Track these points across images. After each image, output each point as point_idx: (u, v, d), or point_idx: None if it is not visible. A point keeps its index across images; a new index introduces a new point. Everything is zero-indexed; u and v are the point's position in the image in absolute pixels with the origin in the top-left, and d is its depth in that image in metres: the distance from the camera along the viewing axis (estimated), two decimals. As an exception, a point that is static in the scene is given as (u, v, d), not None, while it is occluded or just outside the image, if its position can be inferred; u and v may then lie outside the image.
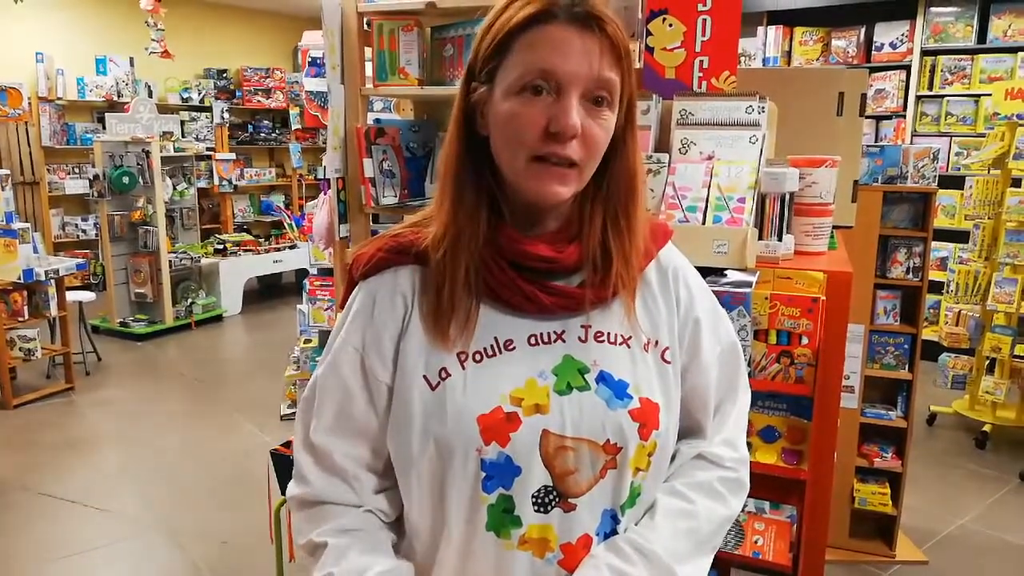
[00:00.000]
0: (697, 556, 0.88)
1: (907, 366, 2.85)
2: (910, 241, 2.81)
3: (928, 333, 4.26)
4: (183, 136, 7.11)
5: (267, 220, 8.77)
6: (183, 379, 5.01)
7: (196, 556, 2.87)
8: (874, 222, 2.72)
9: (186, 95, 8.21)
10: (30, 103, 6.88)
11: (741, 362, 0.99)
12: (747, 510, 1.44)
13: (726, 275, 1.40)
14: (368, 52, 2.16)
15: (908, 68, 5.29)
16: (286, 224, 7.36)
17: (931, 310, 4.91)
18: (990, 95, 4.31)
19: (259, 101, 8.76)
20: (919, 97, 5.27)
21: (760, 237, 1.48)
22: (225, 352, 5.84)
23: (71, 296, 4.91)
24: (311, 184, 8.65)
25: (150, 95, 7.69)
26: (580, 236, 0.86)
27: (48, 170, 7.28)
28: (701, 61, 1.59)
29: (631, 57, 0.82)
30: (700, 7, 1.57)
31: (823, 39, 5.61)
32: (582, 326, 0.86)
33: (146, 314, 6.05)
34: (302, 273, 6.06)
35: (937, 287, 4.66)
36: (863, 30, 5.43)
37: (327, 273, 3.37)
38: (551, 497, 0.82)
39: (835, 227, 1.63)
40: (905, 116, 5.31)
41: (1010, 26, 4.98)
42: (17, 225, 4.39)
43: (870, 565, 2.81)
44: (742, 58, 5.65)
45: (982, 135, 4.74)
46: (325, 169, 2.26)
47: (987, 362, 4.09)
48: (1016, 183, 4.00)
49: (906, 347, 2.85)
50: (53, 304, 4.59)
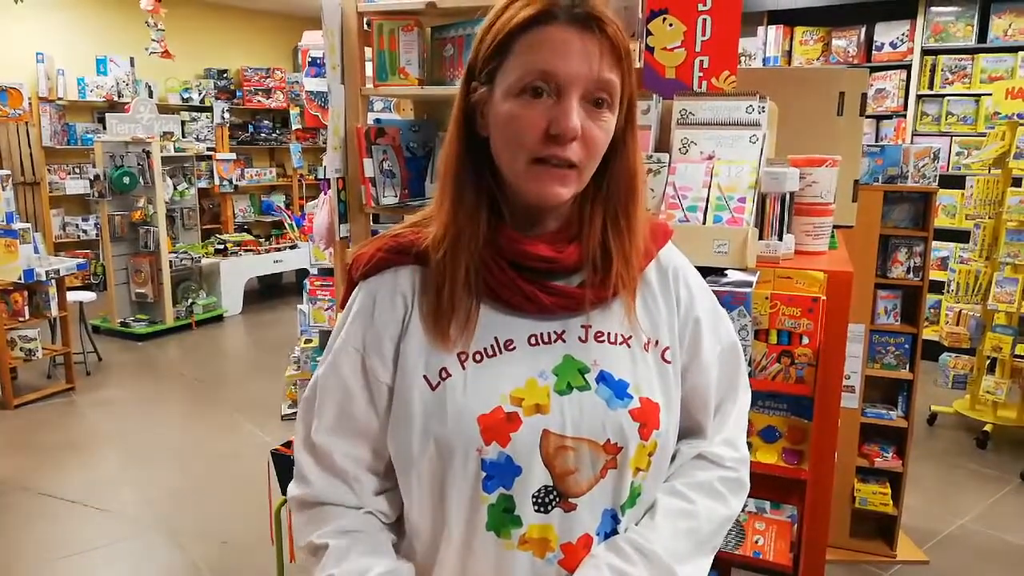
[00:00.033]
0: (697, 556, 0.88)
1: (908, 366, 2.85)
2: (911, 241, 2.81)
3: (929, 333, 4.27)
4: (183, 136, 7.11)
5: (267, 220, 8.78)
6: (183, 379, 5.01)
7: (196, 556, 2.87)
8: (875, 222, 2.72)
9: (186, 95, 8.21)
10: (30, 103, 6.89)
11: (741, 362, 0.99)
12: (748, 510, 1.44)
13: (726, 275, 1.40)
14: (368, 52, 2.16)
15: (908, 68, 5.29)
16: (286, 224, 7.36)
17: (932, 310, 4.91)
18: (990, 95, 4.31)
19: (259, 101, 8.76)
20: (919, 97, 5.27)
21: (760, 237, 1.48)
22: (226, 352, 5.84)
23: (72, 296, 4.91)
24: (311, 184, 8.64)
25: (150, 95, 7.69)
26: (580, 236, 0.86)
27: (49, 170, 7.28)
28: (701, 61, 1.59)
29: (631, 58, 0.82)
30: (700, 7, 1.57)
31: (823, 39, 5.60)
32: (582, 326, 0.86)
33: (147, 314, 6.05)
34: (302, 273, 6.06)
35: (938, 287, 4.66)
36: (863, 30, 5.43)
37: (327, 273, 3.37)
38: (551, 497, 0.82)
39: (835, 227, 1.63)
40: (905, 116, 5.31)
41: (1010, 25, 4.98)
42: (18, 225, 4.39)
43: (871, 565, 2.81)
44: (742, 58, 5.65)
45: (983, 135, 4.73)
46: (325, 169, 2.26)
47: (988, 362, 4.08)
48: (1017, 182, 4.00)
49: (907, 347, 2.85)
50: (54, 304, 4.59)
